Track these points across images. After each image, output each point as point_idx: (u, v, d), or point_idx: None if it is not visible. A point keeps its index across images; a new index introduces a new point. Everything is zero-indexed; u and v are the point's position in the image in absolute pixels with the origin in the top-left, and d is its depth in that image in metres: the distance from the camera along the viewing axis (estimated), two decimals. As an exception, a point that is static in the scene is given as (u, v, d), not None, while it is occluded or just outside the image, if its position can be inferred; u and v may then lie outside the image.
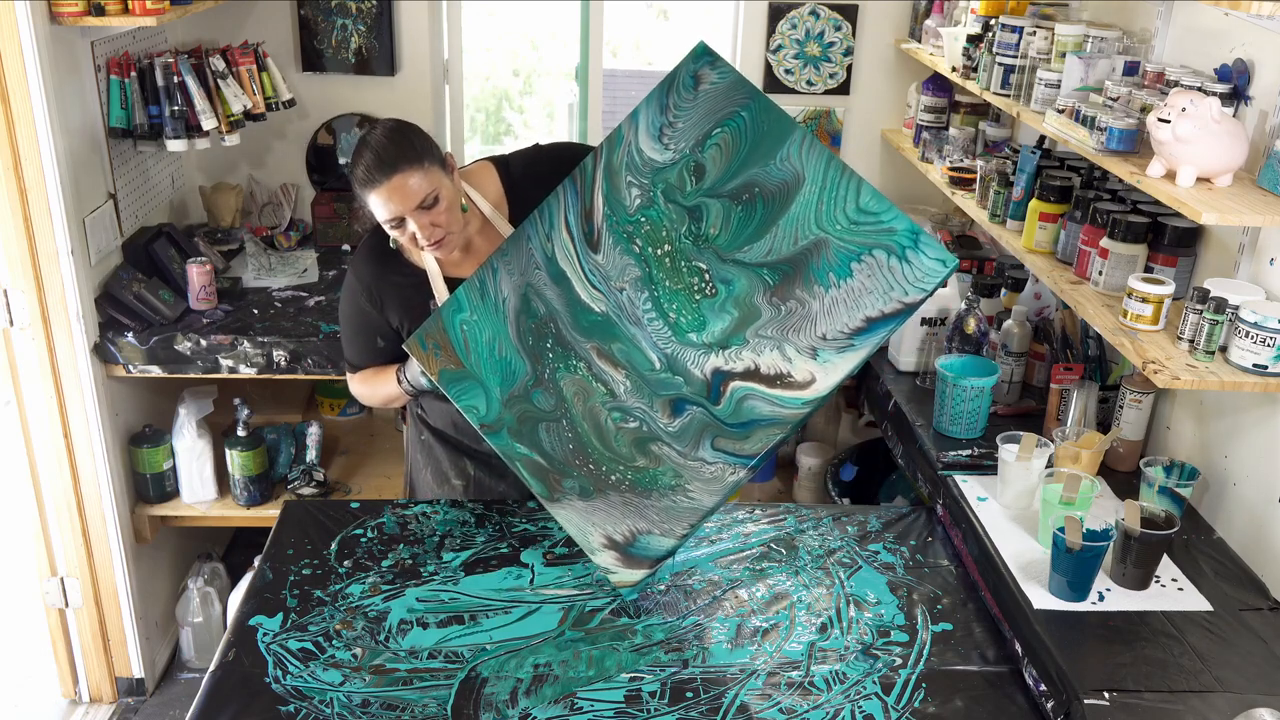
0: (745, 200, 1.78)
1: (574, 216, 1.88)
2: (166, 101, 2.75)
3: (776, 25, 3.39)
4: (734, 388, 1.75)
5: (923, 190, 3.49)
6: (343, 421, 3.40)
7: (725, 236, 1.79)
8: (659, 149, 1.85)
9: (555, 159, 2.08)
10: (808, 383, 1.72)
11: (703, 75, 1.86)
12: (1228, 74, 2.08)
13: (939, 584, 1.99)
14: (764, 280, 1.76)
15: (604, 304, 1.83)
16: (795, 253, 1.74)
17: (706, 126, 1.83)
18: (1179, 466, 2.02)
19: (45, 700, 2.99)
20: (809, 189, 1.75)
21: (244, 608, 1.86)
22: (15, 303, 2.54)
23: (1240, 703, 1.57)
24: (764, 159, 1.78)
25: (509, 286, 1.89)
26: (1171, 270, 2.10)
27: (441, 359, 1.89)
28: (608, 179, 1.87)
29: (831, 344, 1.72)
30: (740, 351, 1.76)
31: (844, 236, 1.72)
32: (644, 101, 1.89)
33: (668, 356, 1.79)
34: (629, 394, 1.79)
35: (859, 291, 1.70)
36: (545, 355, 1.84)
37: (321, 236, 3.33)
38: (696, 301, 1.78)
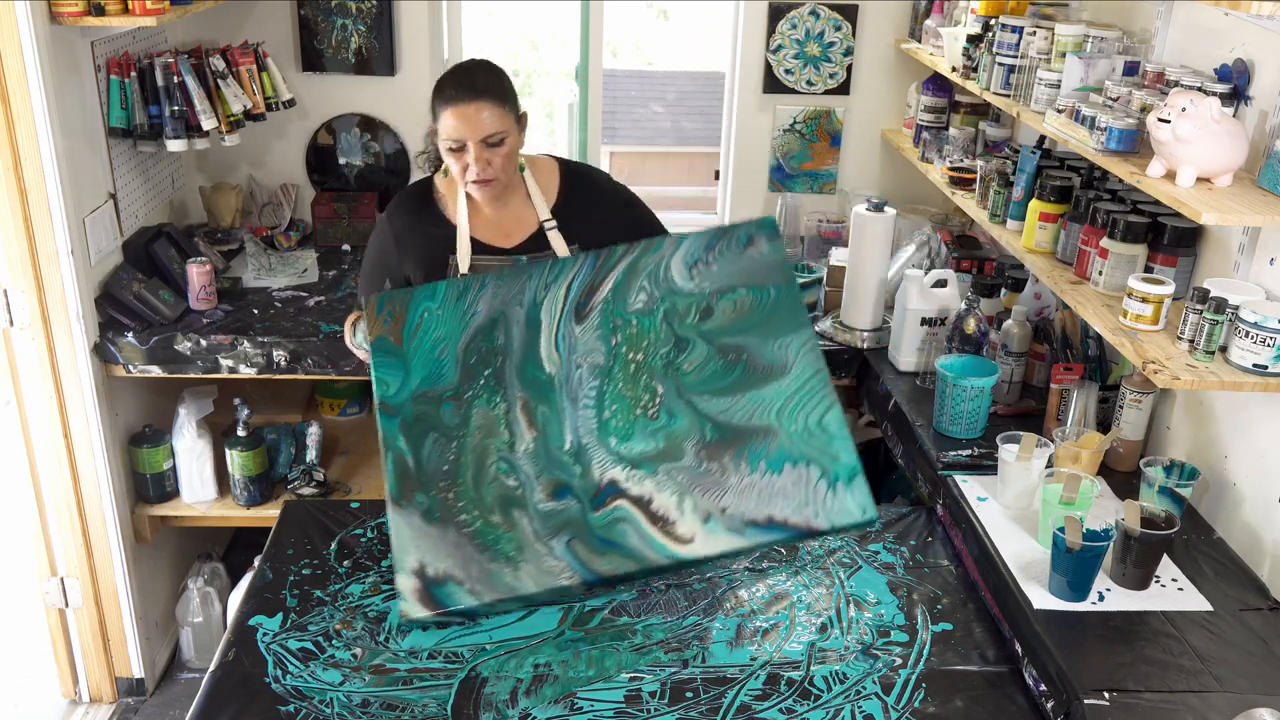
0: (730, 359, 1.83)
1: (579, 284, 1.90)
2: (166, 101, 2.75)
3: (776, 25, 3.39)
4: (618, 505, 1.74)
5: (923, 190, 3.49)
6: (343, 421, 3.40)
7: (695, 378, 1.82)
8: (685, 276, 1.90)
9: (612, 199, 2.18)
10: (685, 539, 1.72)
11: (756, 241, 1.93)
12: (1228, 74, 2.08)
13: (939, 584, 1.99)
14: (704, 431, 1.79)
15: (555, 369, 1.83)
16: (745, 426, 1.79)
17: (735, 282, 1.89)
18: (1179, 466, 2.02)
19: (45, 700, 2.99)
20: (788, 382, 1.81)
21: (244, 608, 1.86)
22: (15, 303, 2.54)
23: (1240, 703, 1.57)
24: (767, 336, 1.84)
25: (485, 305, 1.89)
26: (1171, 270, 2.10)
27: (387, 328, 1.88)
28: (627, 271, 1.90)
29: (726, 520, 1.73)
30: (644, 479, 1.75)
31: (793, 438, 1.78)
32: (696, 233, 1.95)
33: (580, 444, 1.78)
34: (526, 456, 1.78)
35: (777, 491, 1.74)
36: (477, 379, 1.83)
37: (321, 236, 3.33)
38: (635, 415, 1.79)
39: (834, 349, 2.79)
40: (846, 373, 2.82)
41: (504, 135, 1.98)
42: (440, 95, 1.97)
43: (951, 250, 2.99)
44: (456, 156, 1.98)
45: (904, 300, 2.57)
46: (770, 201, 3.56)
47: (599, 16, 3.51)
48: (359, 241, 3.33)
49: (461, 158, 1.98)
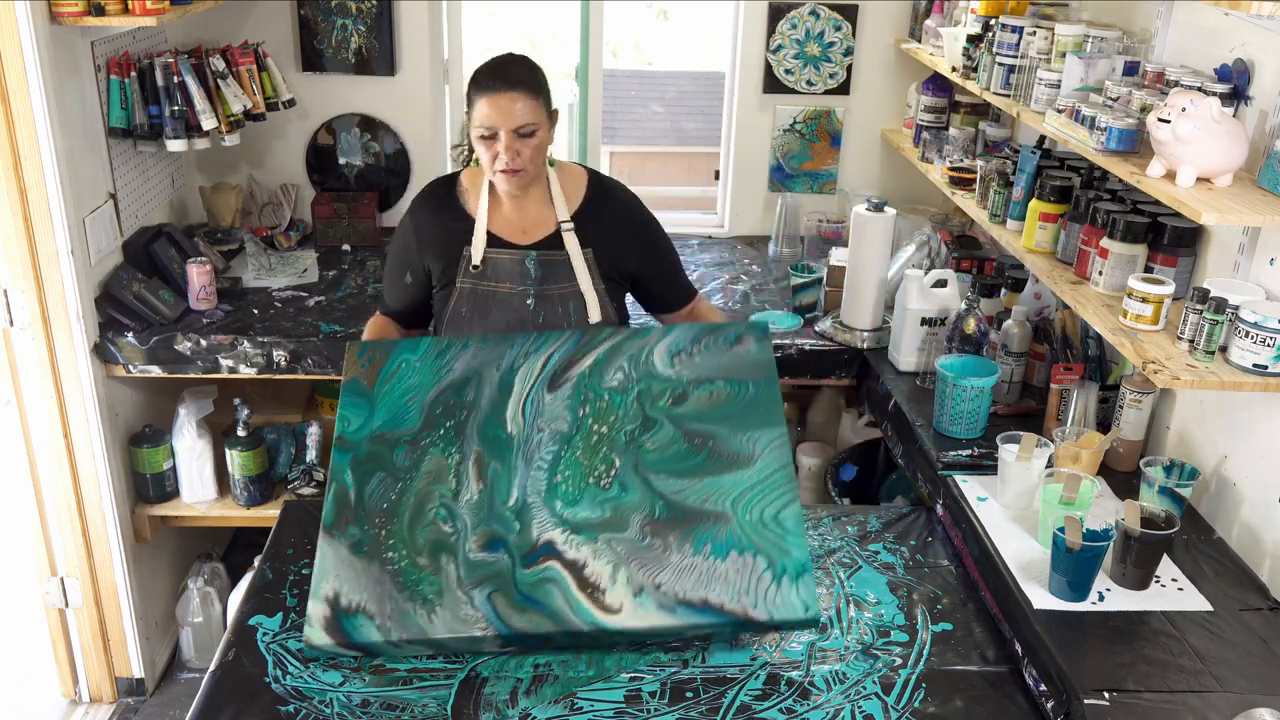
0: (695, 443, 1.83)
1: (559, 356, 1.92)
2: (166, 101, 2.75)
3: (776, 25, 3.39)
4: (549, 566, 1.71)
5: (923, 190, 3.50)
6: (343, 421, 3.39)
7: (655, 456, 1.82)
8: (666, 363, 1.93)
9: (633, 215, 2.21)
10: (612, 609, 1.67)
11: (745, 340, 1.95)
12: (1228, 74, 2.08)
13: (939, 584, 1.99)
14: (654, 507, 1.77)
15: (517, 431, 1.84)
16: (697, 509, 1.77)
17: (715, 375, 1.91)
18: (1179, 466, 2.02)
19: (45, 700, 2.99)
20: (751, 474, 1.80)
21: (244, 608, 1.86)
22: (15, 303, 2.54)
23: (1240, 703, 1.57)
24: (737, 428, 1.85)
25: (463, 363, 1.92)
26: (1171, 270, 2.10)
27: (363, 372, 1.92)
28: (609, 351, 1.93)
29: (658, 596, 1.69)
30: (582, 544, 1.73)
31: (745, 527, 1.75)
32: (685, 326, 2.00)
33: (525, 502, 1.77)
34: (468, 506, 1.77)
35: (718, 575, 1.70)
36: (438, 428, 1.84)
37: (321, 236, 3.33)
38: (587, 484, 1.79)
39: (834, 349, 2.79)
40: (846, 373, 2.82)
41: (535, 127, 2.01)
42: (476, 84, 2.02)
43: (951, 250, 2.99)
44: (487, 145, 2.01)
45: (904, 300, 2.57)
46: (770, 201, 3.57)
47: (599, 16, 3.51)
48: (359, 241, 3.33)
49: (492, 146, 2.01)
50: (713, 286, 3.17)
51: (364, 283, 3.07)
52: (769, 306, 3.03)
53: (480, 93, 2.00)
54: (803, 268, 3.00)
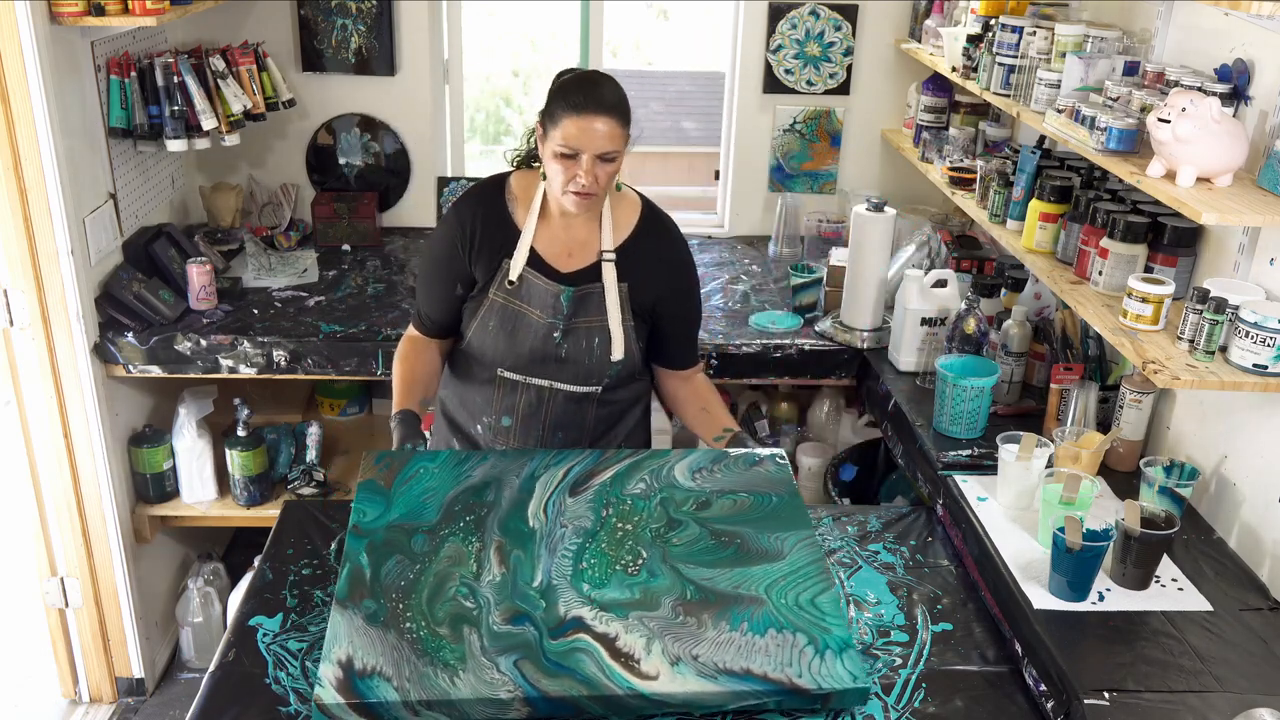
0: (722, 540, 1.82)
1: (579, 469, 1.92)
2: (166, 101, 2.75)
3: (776, 25, 3.39)
4: (579, 638, 1.60)
5: (923, 190, 3.49)
6: (343, 421, 3.40)
7: (683, 550, 1.79)
8: (687, 478, 1.94)
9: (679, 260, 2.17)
10: (649, 676, 1.56)
11: (764, 463, 2.00)
12: (1228, 74, 2.08)
13: (939, 584, 1.99)
14: (684, 591, 1.70)
15: (539, 525, 1.81)
16: (729, 593, 1.71)
17: (738, 487, 1.93)
18: (1179, 466, 2.02)
19: (45, 700, 2.99)
20: (782, 565, 1.76)
21: (244, 608, 1.86)
22: (15, 303, 2.54)
23: (1240, 703, 1.57)
24: (764, 529, 1.84)
25: (483, 472, 1.91)
26: (1171, 270, 2.10)
27: (377, 473, 1.89)
28: (630, 466, 1.94)
29: (698, 665, 1.58)
30: (612, 620, 1.63)
31: (781, 610, 1.69)
32: (704, 450, 2.03)
33: (550, 584, 1.70)
34: (490, 585, 1.69)
35: (758, 649, 1.61)
36: (457, 521, 1.80)
37: (321, 236, 3.33)
38: (614, 570, 1.74)
39: (834, 349, 2.79)
40: (846, 373, 2.82)
41: (617, 153, 1.97)
42: (566, 101, 1.93)
43: (951, 250, 2.99)
44: (564, 163, 1.95)
45: (904, 300, 2.57)
46: (770, 201, 3.57)
47: (599, 16, 3.51)
48: (359, 241, 3.33)
49: (570, 166, 1.95)
50: (712, 286, 3.17)
51: (364, 283, 3.07)
52: (769, 306, 3.03)
53: (570, 111, 1.92)
54: (803, 268, 3.00)
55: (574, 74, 2.01)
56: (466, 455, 1.94)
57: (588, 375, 2.13)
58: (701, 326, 2.90)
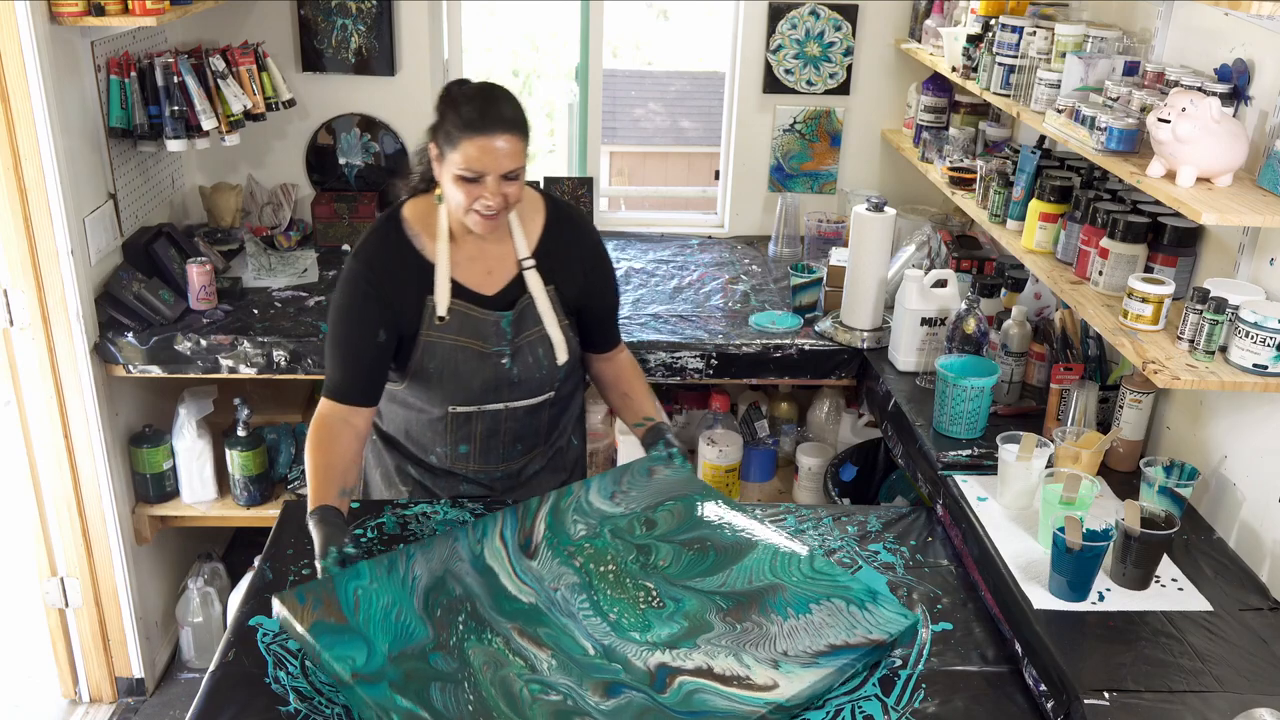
0: (697, 549, 1.84)
1: (510, 532, 1.84)
2: (166, 101, 2.75)
3: (776, 25, 3.39)
4: (683, 681, 1.57)
5: (923, 190, 3.50)
6: (343, 421, 3.39)
7: (675, 569, 1.79)
8: (609, 504, 1.93)
9: (591, 247, 2.13)
10: (769, 686, 1.57)
11: (656, 470, 2.02)
12: (1228, 74, 2.08)
13: (939, 584, 1.99)
14: (716, 603, 1.72)
15: (534, 597, 1.71)
16: (750, 589, 1.74)
17: (660, 498, 1.94)
18: (1179, 466, 2.02)
19: (45, 700, 2.99)
20: (761, 551, 1.83)
21: (244, 608, 1.86)
22: (15, 303, 2.54)
23: (1240, 703, 1.57)
24: (716, 526, 1.88)
25: (423, 569, 1.75)
26: (1171, 270, 2.10)
27: (321, 613, 1.64)
28: (551, 513, 1.89)
29: (794, 659, 1.62)
30: (691, 653, 1.62)
31: (801, 585, 1.75)
32: (599, 475, 2.00)
33: (605, 647, 1.63)
34: (554, 671, 1.58)
35: (820, 625, 1.68)
36: (454, 626, 1.65)
37: (321, 236, 3.33)
38: (641, 609, 1.71)
39: (834, 349, 2.79)
40: (846, 373, 2.82)
41: (521, 169, 1.88)
42: (461, 121, 1.82)
43: (951, 250, 2.99)
44: (467, 187, 1.85)
45: (904, 300, 2.57)
46: (770, 201, 3.57)
47: (599, 16, 3.51)
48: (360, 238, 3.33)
49: (474, 189, 1.85)
50: (713, 286, 3.17)
51: (364, 283, 3.07)
52: (769, 306, 3.03)
53: (467, 132, 1.81)
54: (803, 268, 3.01)
55: (465, 88, 1.88)
56: (391, 559, 1.75)
57: (540, 386, 2.09)
58: (701, 325, 2.90)
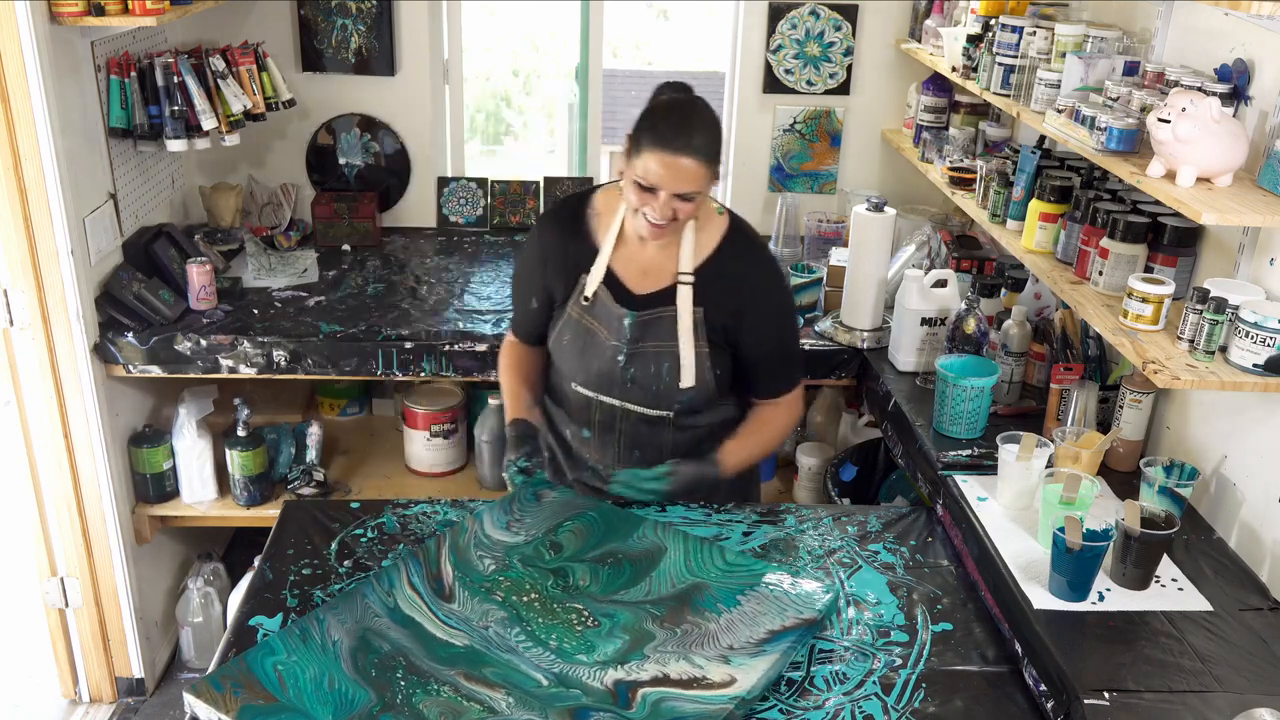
0: (610, 563, 1.85)
1: (419, 580, 1.79)
2: (166, 101, 2.75)
3: (776, 25, 3.39)
4: (645, 693, 1.58)
5: (923, 190, 3.49)
6: (343, 421, 3.40)
7: (597, 587, 1.81)
8: (507, 534, 1.92)
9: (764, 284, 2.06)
10: (728, 682, 1.61)
11: (543, 494, 2.03)
12: (1228, 74, 2.08)
13: (939, 584, 1.99)
14: (649, 612, 1.74)
15: (467, 639, 1.67)
16: (676, 592, 1.80)
17: (555, 521, 1.96)
18: (1179, 466, 2.02)
19: (45, 700, 2.99)
20: (673, 554, 1.88)
21: (244, 608, 1.86)
22: (15, 303, 2.54)
23: (1240, 703, 1.57)
24: (621, 538, 1.91)
25: (340, 632, 1.66)
26: (1171, 270, 2.10)
27: (245, 696, 1.55)
28: (452, 552, 1.87)
29: (741, 651, 1.67)
30: (642, 664, 1.63)
31: (721, 580, 1.82)
32: (488, 506, 2.00)
33: (556, 675, 1.61)
34: (515, 709, 1.54)
35: (754, 614, 1.75)
36: (395, 684, 1.58)
37: (321, 236, 3.33)
38: (579, 631, 1.70)
39: (834, 349, 2.79)
40: (846, 373, 2.82)
41: (699, 191, 1.90)
42: (652, 133, 1.87)
43: (951, 250, 2.99)
44: (641, 194, 1.90)
45: (904, 300, 2.57)
46: (770, 201, 3.56)
47: (599, 16, 3.51)
48: (359, 241, 3.34)
49: (646, 198, 1.89)
50: (713, 286, 3.17)
51: (364, 283, 3.07)
52: (769, 306, 3.02)
53: (654, 145, 1.85)
54: (803, 268, 3.00)
55: (669, 101, 1.94)
56: (300, 628, 1.67)
57: (656, 400, 2.09)
58: None
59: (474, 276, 3.15)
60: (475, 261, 3.27)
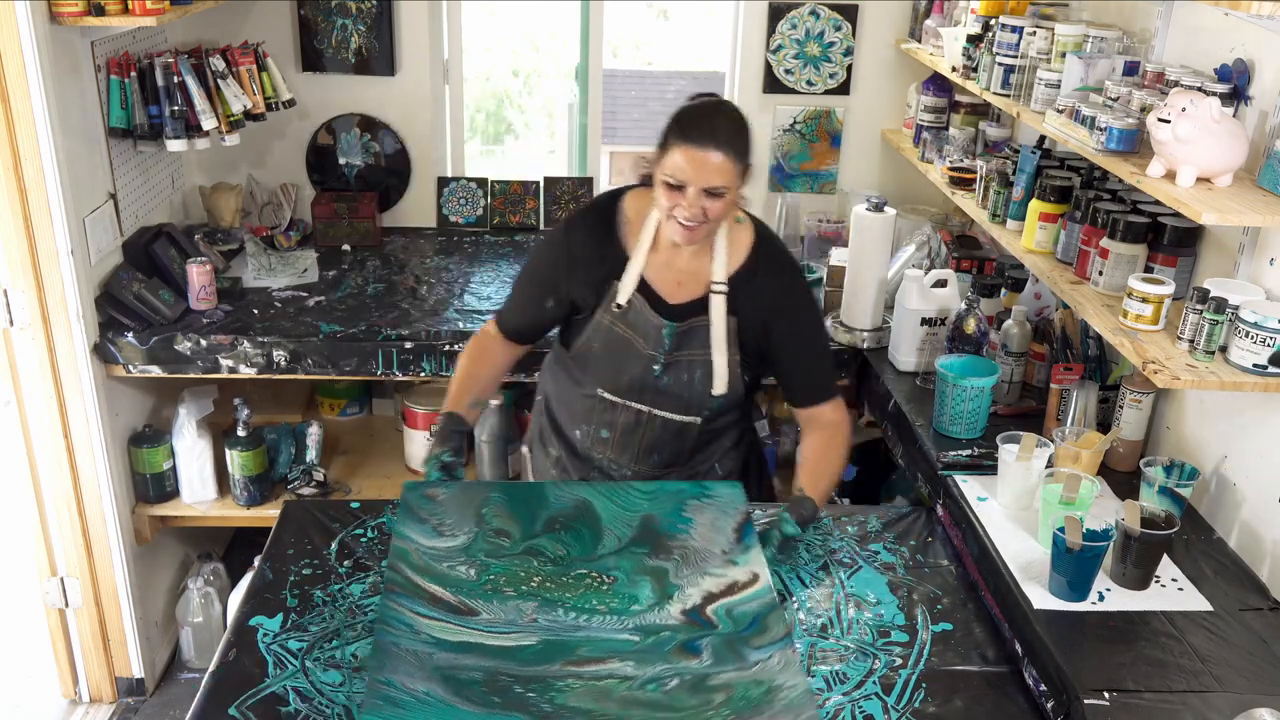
0: (559, 528, 1.89)
1: (424, 608, 1.71)
2: (166, 101, 2.75)
3: (776, 25, 3.39)
4: (711, 610, 1.74)
5: (923, 190, 3.49)
6: (343, 421, 3.40)
7: (576, 550, 1.86)
8: (447, 539, 1.88)
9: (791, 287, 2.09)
10: (753, 580, 1.81)
11: (434, 494, 1.99)
12: (1228, 74, 2.08)
13: (939, 584, 1.99)
14: (639, 555, 1.86)
15: (532, 636, 1.67)
16: (637, 531, 1.91)
17: (473, 510, 1.95)
18: (1179, 466, 2.02)
19: (45, 700, 2.99)
20: (597, 503, 1.97)
21: (244, 608, 1.86)
22: (15, 303, 2.54)
23: (1240, 703, 1.57)
24: (542, 506, 1.96)
25: (420, 681, 1.57)
26: (1171, 270, 2.10)
27: None
28: (424, 576, 1.78)
29: (733, 553, 1.86)
30: (684, 592, 1.78)
31: (656, 508, 1.95)
32: (396, 526, 1.92)
33: (636, 628, 1.69)
34: (640, 666, 1.62)
35: (710, 524, 1.93)
36: (527, 700, 1.55)
37: (321, 236, 3.33)
38: (608, 590, 1.76)
39: (834, 349, 2.79)
40: (846, 373, 2.82)
41: (728, 189, 1.90)
42: (679, 130, 1.90)
43: (951, 250, 2.99)
44: (670, 193, 1.90)
45: (904, 300, 2.57)
46: (770, 201, 3.57)
47: (599, 16, 3.51)
48: (359, 241, 3.33)
49: (676, 196, 1.90)
50: (713, 286, 3.17)
51: (364, 283, 3.07)
52: (769, 306, 3.02)
53: (680, 141, 1.88)
54: (802, 268, 3.00)
55: (697, 101, 1.97)
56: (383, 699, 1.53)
57: (687, 406, 2.10)
58: None
59: (474, 276, 3.15)
60: (475, 261, 3.27)
